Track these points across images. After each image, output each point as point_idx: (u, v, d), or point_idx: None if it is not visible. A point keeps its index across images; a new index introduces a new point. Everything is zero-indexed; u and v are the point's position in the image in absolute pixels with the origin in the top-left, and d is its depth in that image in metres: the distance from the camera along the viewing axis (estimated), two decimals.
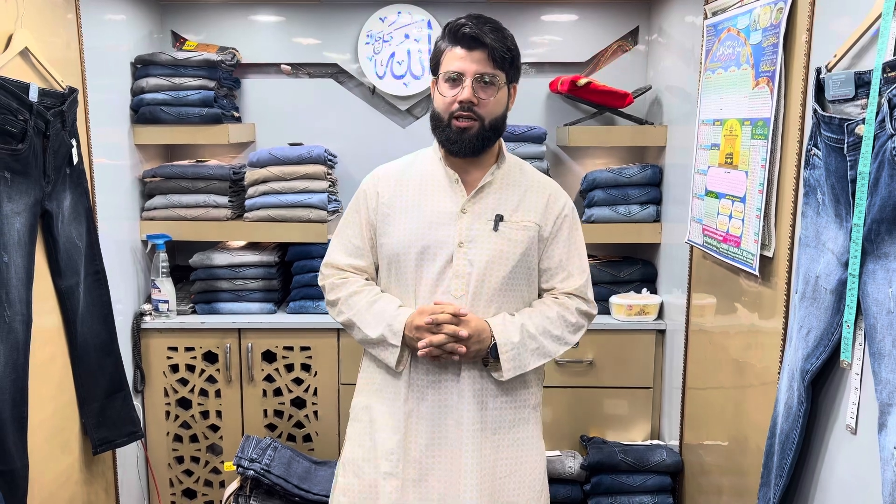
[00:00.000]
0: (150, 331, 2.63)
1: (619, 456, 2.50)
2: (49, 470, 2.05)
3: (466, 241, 1.65)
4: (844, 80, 1.38)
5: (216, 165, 2.72)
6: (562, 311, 1.71)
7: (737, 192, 1.94)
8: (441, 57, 1.66)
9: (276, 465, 2.38)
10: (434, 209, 1.68)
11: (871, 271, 1.30)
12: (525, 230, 1.68)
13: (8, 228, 1.81)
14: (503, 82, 1.64)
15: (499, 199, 1.69)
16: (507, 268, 1.66)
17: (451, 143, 1.65)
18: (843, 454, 1.47)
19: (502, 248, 1.66)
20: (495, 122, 1.65)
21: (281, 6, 2.90)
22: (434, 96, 1.68)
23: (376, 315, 1.67)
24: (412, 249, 1.67)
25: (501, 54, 1.61)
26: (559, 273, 1.74)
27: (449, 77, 1.62)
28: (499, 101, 1.65)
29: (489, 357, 1.65)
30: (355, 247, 1.76)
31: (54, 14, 2.10)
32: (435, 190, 1.70)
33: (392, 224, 1.70)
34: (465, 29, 1.60)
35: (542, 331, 1.67)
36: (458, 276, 1.65)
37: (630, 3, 2.87)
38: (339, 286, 1.75)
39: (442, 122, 1.65)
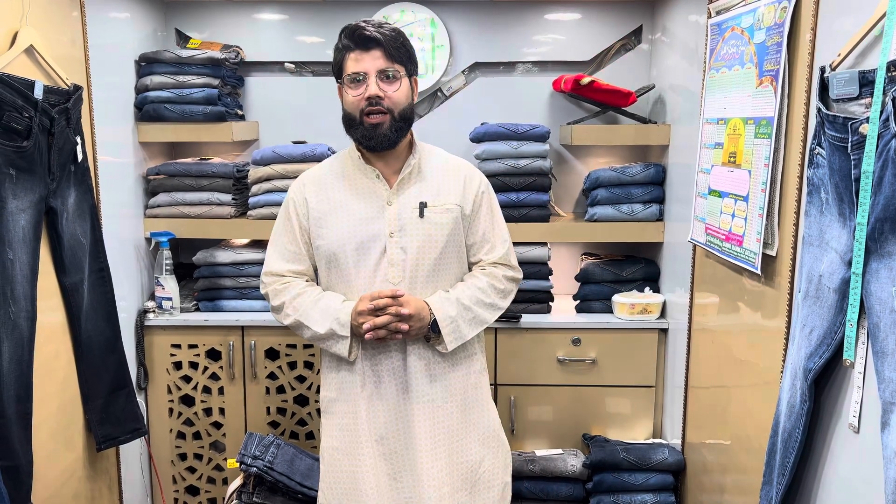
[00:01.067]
0: (154, 328, 2.63)
1: (622, 454, 2.51)
2: (53, 466, 2.05)
3: (396, 230, 1.78)
4: (848, 79, 1.38)
5: (220, 163, 2.72)
6: (491, 281, 1.86)
7: (740, 190, 1.94)
8: (343, 62, 1.76)
9: (278, 462, 2.39)
10: (362, 206, 1.80)
11: (874, 270, 1.31)
12: (448, 212, 1.82)
13: (13, 225, 1.81)
14: (404, 74, 1.76)
15: (419, 186, 1.82)
16: (437, 250, 1.80)
17: (368, 139, 1.76)
18: (846, 453, 1.47)
19: (430, 232, 1.79)
20: (404, 112, 1.77)
21: (285, 4, 2.91)
22: (343, 100, 1.79)
23: (322, 311, 1.78)
24: (348, 246, 1.79)
25: (397, 49, 1.73)
26: (483, 246, 1.89)
27: (353, 78, 1.73)
28: (403, 93, 1.76)
29: (430, 333, 1.79)
30: (291, 252, 1.86)
31: (59, 12, 2.11)
32: (359, 188, 1.82)
33: (325, 226, 1.81)
34: (359, 31, 1.72)
35: (476, 301, 1.82)
36: (393, 265, 1.78)
37: (633, 2, 2.87)
38: (281, 291, 1.85)
39: (354, 121, 1.76)
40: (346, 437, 1.84)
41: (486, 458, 1.88)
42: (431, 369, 1.83)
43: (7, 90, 1.76)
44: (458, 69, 2.94)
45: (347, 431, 1.83)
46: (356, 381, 1.83)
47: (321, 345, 1.84)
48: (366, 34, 1.72)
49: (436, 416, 1.82)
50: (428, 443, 1.80)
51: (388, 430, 1.81)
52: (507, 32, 2.91)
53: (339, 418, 1.86)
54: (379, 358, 1.82)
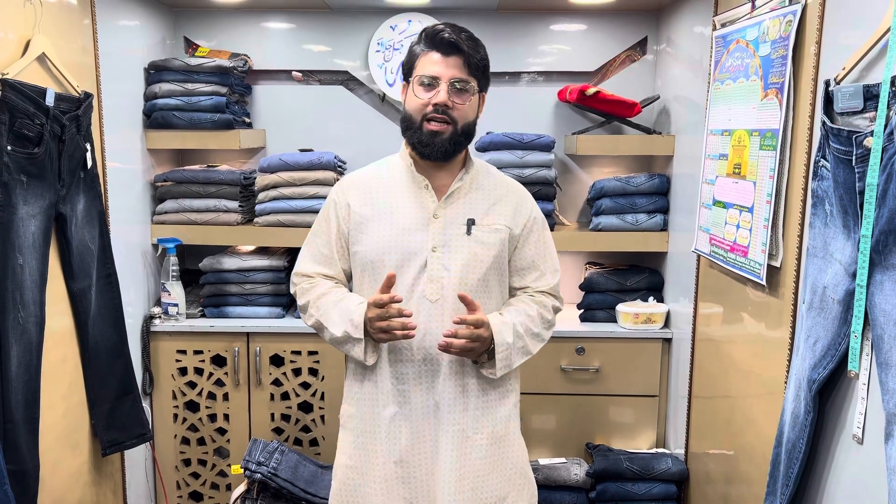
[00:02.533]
0: (160, 334, 2.65)
1: (625, 464, 2.51)
2: (59, 471, 2.06)
3: (440, 245, 1.68)
4: (853, 93, 1.40)
5: (227, 170, 2.74)
6: (541, 310, 1.77)
7: (744, 202, 1.95)
8: (416, 60, 1.68)
9: (283, 468, 2.39)
10: (406, 215, 1.70)
11: (878, 282, 1.31)
12: (496, 232, 1.72)
13: (23, 231, 1.83)
14: (475, 89, 1.68)
15: (469, 203, 1.72)
16: (481, 270, 1.70)
17: (424, 146, 1.67)
18: (850, 464, 1.47)
19: (476, 251, 1.69)
20: (467, 126, 1.68)
21: (292, 13, 2.93)
22: (406, 99, 1.71)
23: (341, 313, 1.68)
24: (387, 256, 1.68)
25: (476, 62, 1.66)
26: (532, 272, 1.79)
27: (425, 81, 1.65)
28: (471, 107, 1.69)
29: (484, 356, 1.68)
30: (323, 255, 1.78)
31: (71, 20, 2.13)
32: (405, 196, 1.72)
33: (365, 232, 1.72)
34: (443, 35, 1.64)
35: (526, 329, 1.72)
36: (433, 281, 1.67)
37: (639, 14, 2.89)
38: (307, 290, 1.77)
39: (414, 124, 1.67)
40: (362, 456, 1.73)
41: (510, 494, 1.75)
42: (467, 396, 1.70)
43: (19, 97, 1.78)
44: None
45: (365, 450, 1.72)
46: (379, 398, 1.71)
47: (341, 349, 1.73)
48: (449, 39, 1.63)
49: (465, 447, 1.69)
50: (453, 475, 1.67)
51: (410, 454, 1.69)
52: (513, 43, 2.93)
53: (357, 435, 1.74)
54: (407, 375, 1.69)
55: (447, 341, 1.60)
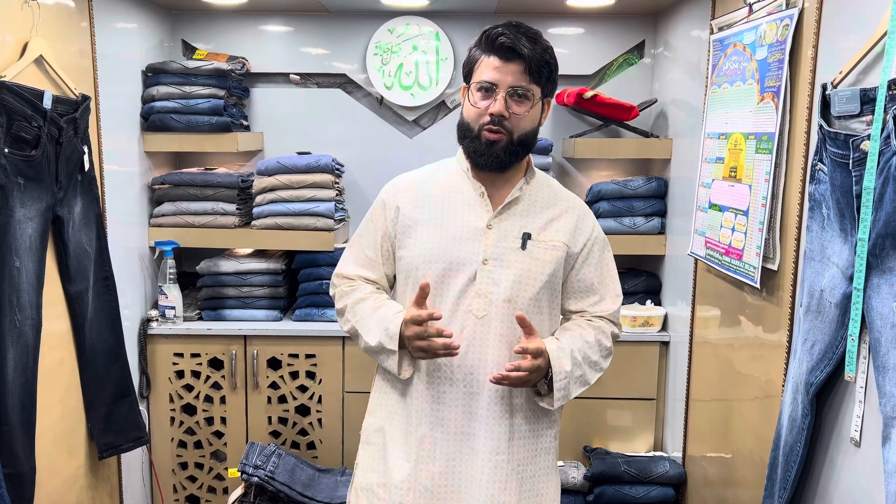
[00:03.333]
0: (157, 337, 2.64)
1: (623, 467, 2.51)
2: (55, 474, 2.06)
3: (492, 258, 1.56)
4: (850, 97, 1.40)
5: (224, 173, 2.74)
6: (598, 336, 1.62)
7: (740, 205, 1.95)
8: (475, 65, 1.56)
9: (280, 472, 2.39)
10: (458, 223, 1.59)
11: (875, 285, 1.32)
12: (553, 250, 1.59)
13: (20, 233, 1.83)
14: (538, 97, 1.55)
15: (526, 216, 1.60)
16: (534, 288, 1.57)
17: (479, 156, 1.56)
18: (847, 467, 1.48)
19: (530, 267, 1.57)
20: (525, 136, 1.56)
21: (290, 16, 2.93)
22: (464, 104, 1.60)
23: (377, 321, 1.58)
24: (434, 265, 1.57)
25: (539, 67, 1.52)
26: (590, 296, 1.66)
27: (481, 87, 1.53)
28: (531, 117, 1.55)
29: (543, 384, 1.55)
30: (367, 258, 1.68)
31: (69, 22, 2.13)
32: (459, 203, 1.61)
33: (413, 237, 1.61)
34: (502, 38, 1.51)
35: (585, 357, 1.58)
36: (481, 295, 1.55)
37: (636, 17, 2.90)
38: (346, 294, 1.67)
39: (471, 133, 1.56)
40: (387, 479, 1.59)
41: None
42: (512, 426, 1.56)
43: (17, 100, 1.78)
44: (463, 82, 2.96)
45: (393, 472, 1.58)
46: (412, 417, 1.58)
47: (375, 358, 1.61)
48: (510, 45, 1.50)
49: (501, 480, 1.55)
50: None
51: (441, 484, 1.55)
52: None
53: (383, 453, 1.61)
54: (445, 395, 1.56)
55: (503, 374, 1.48)
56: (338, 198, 2.75)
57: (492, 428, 1.55)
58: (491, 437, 1.55)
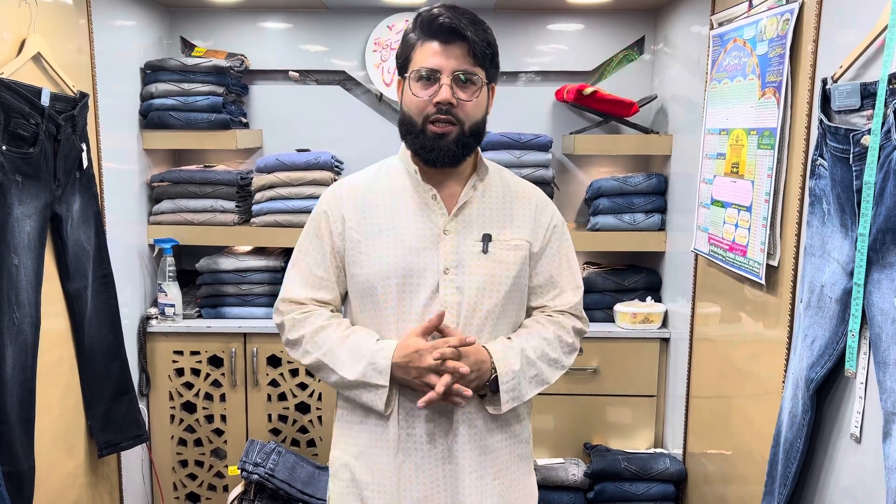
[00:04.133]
0: (156, 334, 2.64)
1: (623, 464, 2.50)
2: (55, 472, 2.05)
3: (453, 266, 1.45)
4: (850, 91, 1.39)
5: (224, 171, 2.74)
6: (558, 332, 1.53)
7: (743, 201, 1.95)
8: (412, 52, 1.44)
9: (280, 469, 2.39)
10: (412, 232, 1.46)
11: (876, 281, 1.31)
12: (516, 250, 1.50)
13: (18, 231, 1.82)
14: (483, 81, 1.44)
15: (484, 215, 1.50)
16: (500, 293, 1.47)
17: (427, 152, 1.44)
18: (848, 463, 1.47)
19: (494, 271, 1.47)
20: (476, 126, 1.45)
21: (289, 13, 2.92)
22: (403, 98, 1.47)
23: (352, 352, 1.44)
24: (391, 280, 1.45)
25: (483, 49, 1.41)
26: (551, 290, 1.56)
27: (423, 75, 1.41)
28: (479, 104, 1.44)
29: (487, 388, 1.46)
30: (318, 278, 1.52)
31: (67, 19, 2.12)
32: (410, 209, 1.48)
33: (364, 252, 1.48)
34: (441, 19, 1.39)
35: (541, 355, 1.49)
36: (446, 307, 1.44)
37: (636, 13, 2.89)
38: (300, 322, 1.50)
39: (415, 128, 1.44)
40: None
41: None
42: (484, 437, 1.48)
43: (14, 97, 1.77)
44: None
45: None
46: (390, 444, 1.47)
47: (348, 392, 1.48)
48: (449, 24, 1.38)
49: (483, 495, 1.48)
50: None
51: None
52: (510, 42, 2.92)
53: (356, 488, 1.50)
54: (418, 417, 1.46)
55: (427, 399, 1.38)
56: None
57: (468, 444, 1.47)
58: (469, 453, 1.47)
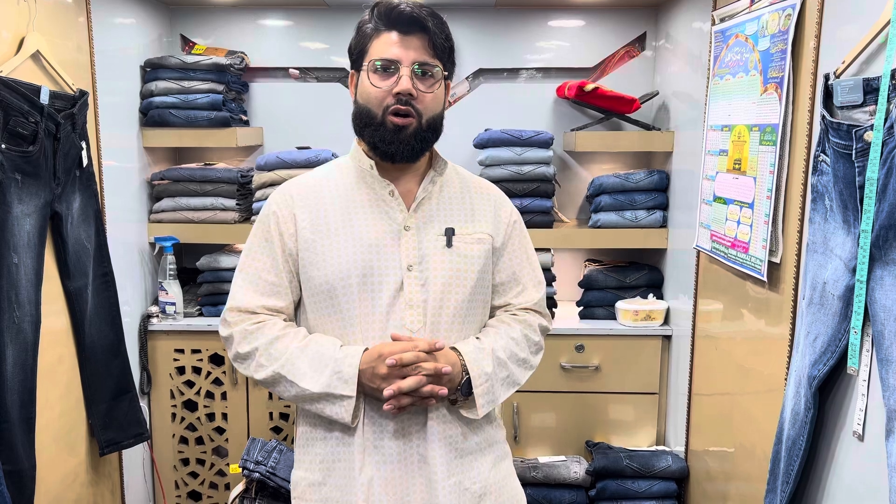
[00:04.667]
0: (157, 333, 2.64)
1: (625, 461, 2.50)
2: (56, 471, 2.05)
3: (416, 262, 1.40)
4: (853, 87, 1.38)
5: (224, 169, 2.73)
6: (525, 331, 1.51)
7: (745, 197, 1.94)
8: (368, 43, 1.41)
9: (281, 467, 2.38)
10: (371, 229, 1.41)
11: (878, 277, 1.30)
12: (479, 243, 1.46)
13: (18, 230, 1.82)
14: (442, 75, 1.42)
15: (444, 210, 1.47)
16: (466, 289, 1.43)
17: (387, 144, 1.39)
18: (851, 461, 1.46)
19: (458, 266, 1.43)
20: (433, 120, 1.42)
21: (289, 10, 2.92)
22: (359, 90, 1.42)
23: (313, 362, 1.36)
24: (352, 279, 1.39)
25: (442, 42, 1.41)
26: (513, 287, 1.53)
27: (381, 66, 1.37)
28: (437, 97, 1.42)
29: (458, 393, 1.40)
30: (269, 283, 1.44)
31: (66, 17, 2.12)
32: (367, 205, 1.44)
33: (319, 252, 1.41)
34: (401, 9, 1.38)
35: (510, 355, 1.45)
36: (412, 306, 1.39)
37: (637, 9, 2.88)
38: (252, 333, 1.41)
39: (374, 120, 1.39)
40: None
41: None
42: (459, 441, 1.42)
43: (13, 95, 1.77)
44: (462, 76, 2.94)
45: None
46: (354, 459, 1.39)
47: (310, 406, 1.39)
48: (410, 15, 1.38)
49: (463, 499, 1.41)
50: None
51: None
52: (511, 39, 2.91)
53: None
54: (385, 427, 1.39)
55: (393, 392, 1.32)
56: None
57: (442, 450, 1.40)
58: (444, 460, 1.40)
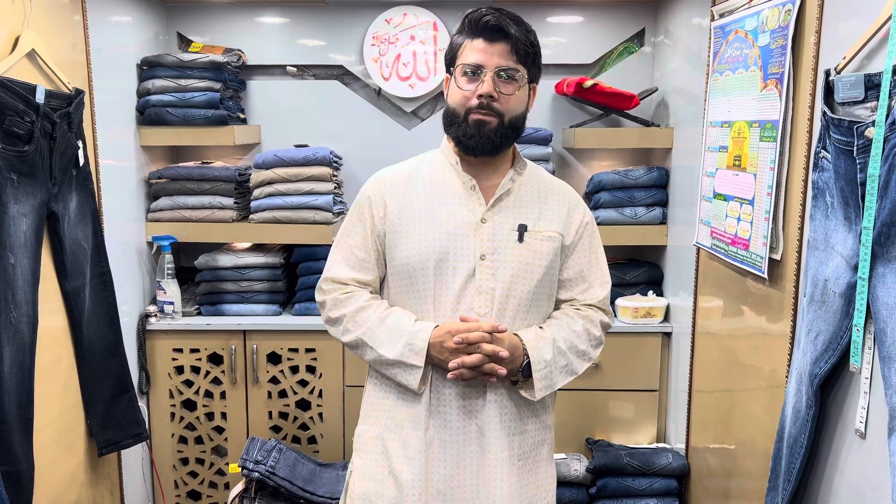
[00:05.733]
0: (156, 332, 2.63)
1: (625, 459, 2.49)
2: (55, 471, 2.04)
3: (489, 253, 1.52)
4: (854, 83, 1.37)
5: (222, 167, 2.72)
6: (587, 325, 1.60)
7: (745, 194, 1.93)
8: (458, 50, 1.53)
9: (281, 466, 2.38)
10: (450, 219, 1.54)
11: (880, 275, 1.30)
12: (549, 241, 1.56)
13: (14, 230, 1.81)
14: (525, 79, 1.52)
15: (519, 207, 1.57)
16: (532, 281, 1.54)
17: (469, 139, 1.51)
18: (853, 459, 1.46)
19: (528, 260, 1.54)
20: (515, 120, 1.53)
21: (286, 8, 2.90)
22: (448, 92, 1.57)
23: (391, 332, 1.52)
24: (429, 263, 1.52)
25: (525, 48, 1.50)
26: (580, 284, 1.63)
27: (467, 70, 1.50)
28: (519, 99, 1.52)
29: (519, 375, 1.53)
30: (359, 259, 1.60)
31: (61, 16, 2.10)
32: (449, 197, 1.56)
33: (404, 236, 1.55)
34: (487, 18, 1.48)
35: (571, 346, 1.56)
36: (482, 292, 1.51)
37: (636, 5, 2.86)
38: (342, 302, 1.59)
39: (458, 118, 1.52)
40: (394, 486, 1.53)
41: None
42: (513, 420, 1.55)
43: (9, 94, 1.75)
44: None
45: (398, 479, 1.53)
46: (420, 420, 1.53)
47: (384, 370, 1.55)
48: (495, 24, 1.47)
49: (510, 473, 1.53)
50: None
51: (454, 486, 1.52)
52: None
53: (386, 460, 1.55)
54: (447, 397, 1.53)
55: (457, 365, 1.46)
56: (336, 191, 2.73)
57: (496, 425, 1.52)
58: (496, 434, 1.52)
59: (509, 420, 1.54)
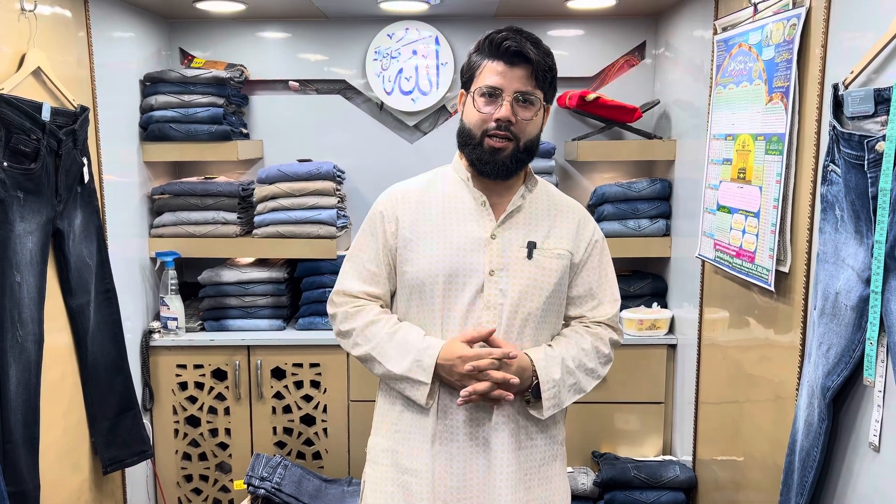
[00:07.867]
0: (159, 348, 2.61)
1: (632, 472, 2.48)
2: (59, 490, 2.03)
3: (498, 269, 1.53)
4: (864, 97, 1.38)
5: (225, 182, 2.72)
6: (595, 343, 1.61)
7: (750, 207, 1.93)
8: (477, 70, 1.53)
9: (286, 483, 2.36)
10: (461, 234, 1.55)
11: (893, 288, 1.30)
12: (559, 258, 1.57)
13: (21, 248, 1.80)
14: (542, 103, 1.53)
15: (529, 224, 1.58)
16: (541, 298, 1.55)
17: (483, 164, 1.53)
18: (866, 472, 1.45)
19: (536, 277, 1.55)
20: (530, 143, 1.54)
21: (288, 23, 2.91)
22: (465, 111, 1.57)
23: (399, 347, 1.54)
24: (439, 278, 1.54)
25: (544, 72, 1.51)
26: (589, 301, 1.64)
27: (486, 92, 1.50)
28: (536, 123, 1.54)
29: (529, 394, 1.55)
30: (371, 273, 1.62)
31: (66, 32, 2.11)
32: (460, 213, 1.57)
33: (415, 251, 1.57)
34: (508, 43, 1.48)
35: (579, 364, 1.57)
36: (490, 308, 1.53)
37: (637, 18, 2.88)
38: (353, 315, 1.61)
39: (473, 140, 1.53)
40: (403, 498, 1.55)
41: None
42: (520, 434, 1.55)
43: (15, 113, 1.75)
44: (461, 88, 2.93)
45: (405, 489, 1.55)
46: (427, 432, 1.54)
47: (393, 384, 1.57)
48: (516, 49, 1.48)
49: (517, 488, 1.54)
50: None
51: (459, 498, 1.53)
52: None
53: (394, 472, 1.57)
54: (455, 410, 1.54)
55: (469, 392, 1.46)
56: (339, 205, 2.73)
57: (504, 440, 1.53)
58: (504, 449, 1.53)
59: (517, 434, 1.55)
